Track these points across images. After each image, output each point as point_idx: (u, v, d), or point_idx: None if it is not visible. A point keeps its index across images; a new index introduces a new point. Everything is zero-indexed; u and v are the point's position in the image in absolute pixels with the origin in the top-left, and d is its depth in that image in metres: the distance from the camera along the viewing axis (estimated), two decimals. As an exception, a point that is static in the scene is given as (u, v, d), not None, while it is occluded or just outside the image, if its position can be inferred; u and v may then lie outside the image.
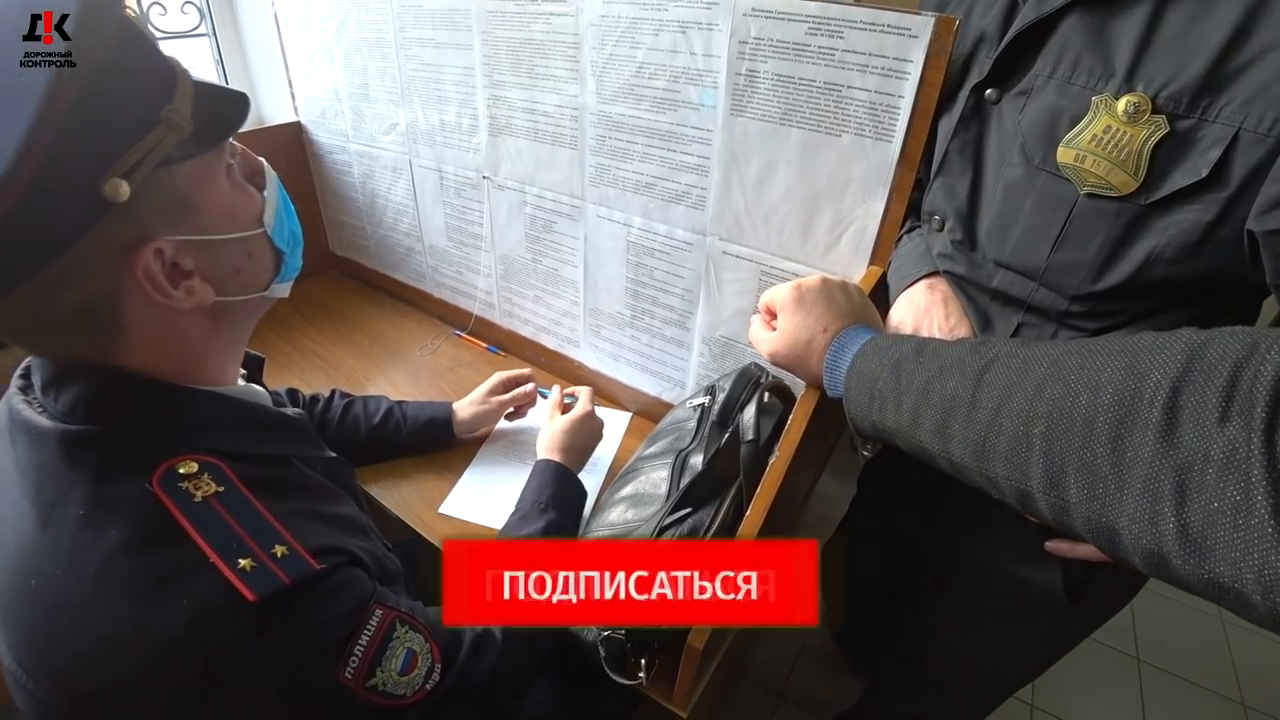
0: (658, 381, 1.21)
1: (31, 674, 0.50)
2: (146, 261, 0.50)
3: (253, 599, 0.48)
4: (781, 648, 1.72)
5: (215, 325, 0.60)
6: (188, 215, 0.54)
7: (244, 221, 0.59)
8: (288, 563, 0.51)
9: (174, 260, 0.53)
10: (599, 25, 0.95)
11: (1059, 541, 0.72)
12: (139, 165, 0.47)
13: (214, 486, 0.53)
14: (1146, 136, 0.58)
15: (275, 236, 0.63)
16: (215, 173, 0.56)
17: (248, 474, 0.56)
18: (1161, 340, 0.40)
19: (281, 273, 0.65)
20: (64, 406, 0.53)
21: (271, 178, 0.65)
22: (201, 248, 0.55)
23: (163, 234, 0.51)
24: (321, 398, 1.07)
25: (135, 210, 0.49)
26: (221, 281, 0.58)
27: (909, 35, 0.72)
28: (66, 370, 0.54)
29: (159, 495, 0.50)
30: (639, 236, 1.08)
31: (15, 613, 0.51)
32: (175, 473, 0.52)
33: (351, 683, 0.53)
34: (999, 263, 0.73)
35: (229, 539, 0.50)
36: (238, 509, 0.53)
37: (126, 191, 0.46)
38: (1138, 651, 1.76)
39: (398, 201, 1.47)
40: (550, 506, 0.87)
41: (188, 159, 0.52)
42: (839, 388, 0.63)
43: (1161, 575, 0.38)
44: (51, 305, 0.49)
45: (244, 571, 0.49)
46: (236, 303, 0.61)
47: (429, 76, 1.22)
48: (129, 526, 0.49)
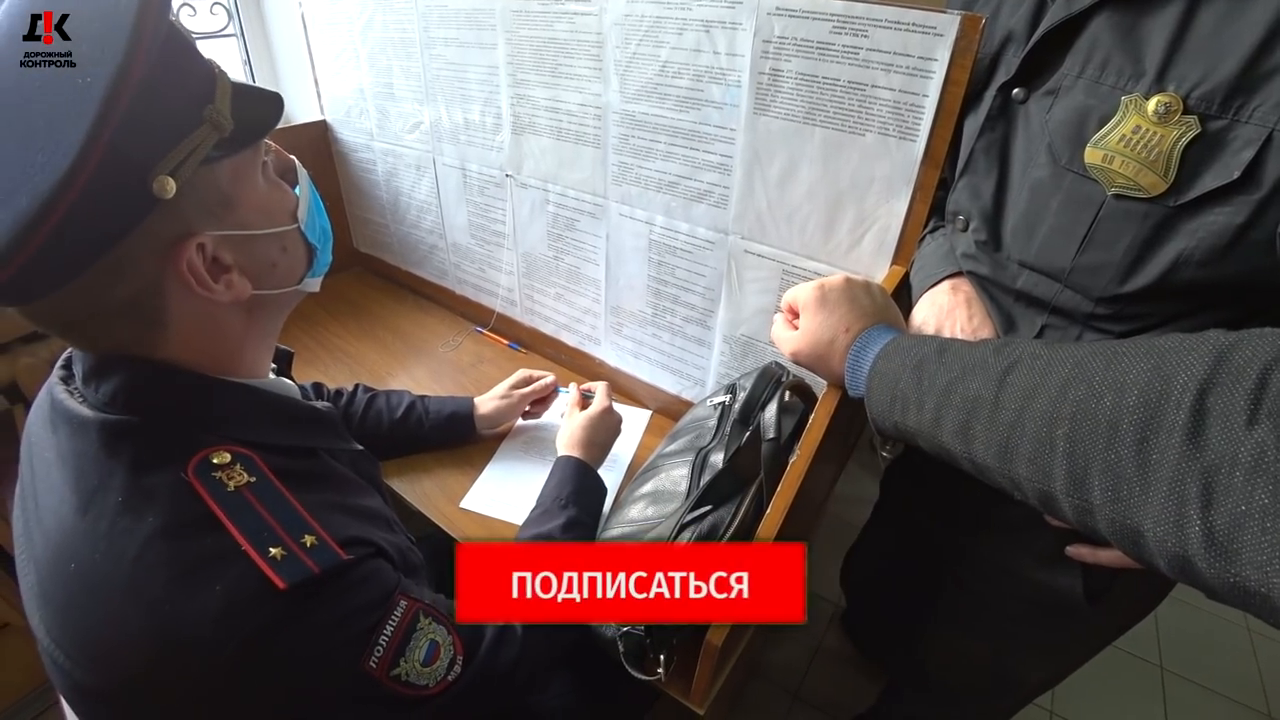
0: (678, 379, 1.21)
1: (69, 654, 0.52)
2: (190, 255, 0.52)
3: (283, 587, 0.49)
4: (798, 649, 1.71)
5: (250, 319, 0.62)
6: (228, 211, 0.56)
7: (279, 217, 0.61)
8: (317, 552, 0.53)
9: (214, 255, 0.55)
10: (622, 24, 0.95)
11: (1080, 546, 0.72)
12: (184, 163, 0.49)
13: (246, 477, 0.54)
14: (1177, 137, 0.58)
15: (308, 232, 0.65)
16: (253, 170, 0.58)
17: (278, 465, 0.58)
18: (1188, 342, 0.39)
19: (313, 267, 0.67)
20: (104, 396, 0.55)
21: (303, 175, 0.67)
22: (240, 243, 0.57)
23: (204, 229, 0.53)
24: (345, 392, 1.09)
25: (180, 206, 0.51)
26: (258, 275, 0.60)
27: (934, 34, 0.72)
28: (107, 362, 0.55)
29: (193, 484, 0.52)
30: (661, 235, 1.08)
31: (55, 594, 0.52)
32: (209, 463, 0.54)
33: (375, 672, 0.54)
34: (1024, 264, 0.72)
35: (260, 528, 0.52)
36: (269, 499, 0.54)
37: (173, 188, 0.48)
38: (1161, 660, 1.73)
39: (421, 199, 1.48)
40: (570, 503, 0.88)
41: (227, 157, 0.54)
42: (861, 388, 0.63)
43: (1186, 579, 0.38)
44: (101, 298, 0.51)
45: (274, 560, 0.50)
46: (272, 296, 0.63)
47: (453, 75, 1.23)
48: (165, 514, 0.50)
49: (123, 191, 0.47)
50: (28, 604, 0.57)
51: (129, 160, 0.47)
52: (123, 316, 0.53)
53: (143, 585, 0.49)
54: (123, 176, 0.46)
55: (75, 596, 0.51)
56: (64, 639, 0.52)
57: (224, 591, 0.49)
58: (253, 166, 0.58)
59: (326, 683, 0.53)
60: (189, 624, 0.48)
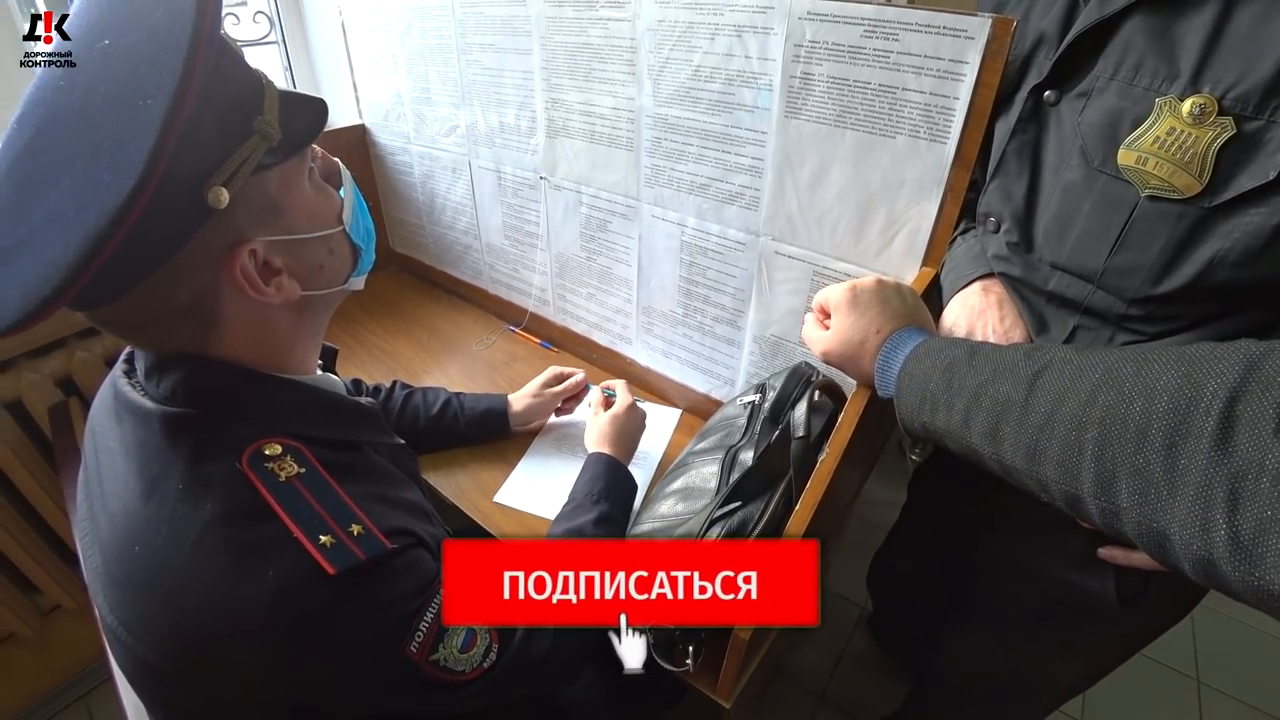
0: (708, 379, 1.23)
1: (131, 631, 0.55)
2: (243, 261, 0.55)
3: (333, 573, 0.52)
4: (824, 651, 1.71)
5: (299, 318, 0.65)
6: (277, 217, 0.58)
7: (325, 220, 0.64)
8: (363, 541, 0.55)
9: (266, 259, 0.58)
10: (655, 30, 0.96)
11: (1112, 549, 0.71)
12: (236, 173, 0.52)
13: (296, 468, 0.57)
14: (1212, 138, 0.57)
15: (353, 233, 0.67)
16: (300, 176, 0.61)
17: (325, 457, 0.61)
18: (1219, 350, 0.40)
19: (358, 266, 0.69)
20: (165, 391, 0.58)
21: (347, 178, 0.69)
22: (289, 246, 0.60)
23: (256, 235, 0.56)
24: (384, 388, 1.12)
25: (233, 215, 0.54)
26: (307, 277, 0.62)
27: (965, 37, 0.72)
28: (167, 359, 0.59)
29: (248, 474, 0.55)
30: (693, 236, 1.10)
31: (119, 575, 0.56)
32: (261, 454, 0.57)
33: (416, 656, 0.57)
34: (1056, 265, 0.72)
35: (311, 517, 0.54)
36: (318, 489, 0.57)
37: (227, 198, 0.51)
38: (1198, 673, 1.69)
39: (457, 201, 1.51)
40: (602, 498, 0.90)
41: (276, 165, 0.57)
42: (890, 388, 0.64)
43: (1210, 582, 0.39)
44: (160, 302, 0.54)
45: (324, 547, 0.53)
46: (319, 296, 0.65)
47: (489, 80, 1.26)
48: (222, 502, 0.53)
49: (181, 204, 0.50)
50: (91, 584, 0.60)
51: (186, 175, 0.49)
52: (180, 319, 0.56)
53: (201, 569, 0.52)
54: (181, 190, 0.49)
55: (138, 577, 0.54)
56: (127, 617, 0.55)
57: (277, 576, 0.51)
58: (300, 173, 0.61)
59: (370, 665, 0.55)
60: (243, 606, 0.51)
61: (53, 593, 1.41)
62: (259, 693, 0.54)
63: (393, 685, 0.57)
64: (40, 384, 1.24)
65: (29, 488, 1.29)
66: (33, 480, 1.28)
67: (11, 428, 1.24)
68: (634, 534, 0.86)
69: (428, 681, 0.58)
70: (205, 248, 0.53)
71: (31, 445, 1.28)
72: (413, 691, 0.59)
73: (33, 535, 1.34)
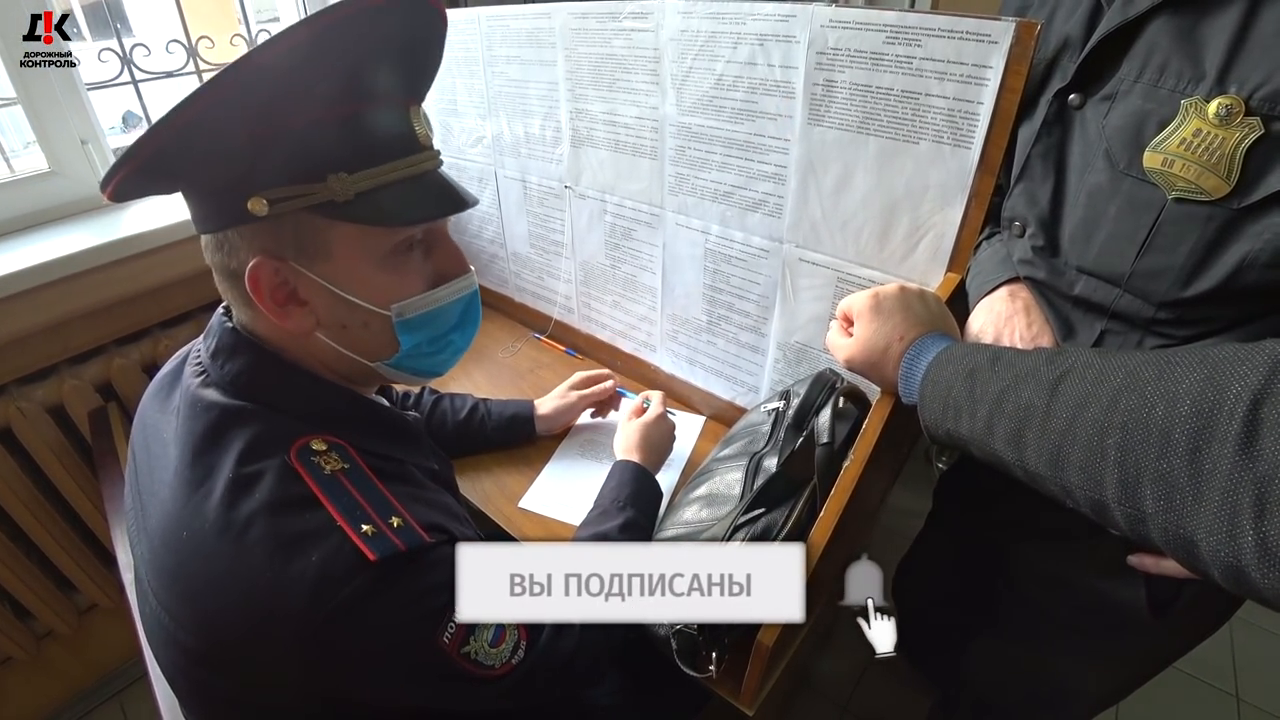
0: (732, 386, 1.23)
1: (175, 616, 0.57)
2: (263, 270, 0.59)
3: (374, 559, 0.53)
4: (848, 660, 1.69)
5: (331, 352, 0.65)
6: (322, 261, 0.60)
7: (375, 297, 0.63)
8: (403, 532, 0.57)
9: (293, 285, 0.61)
10: (679, 40, 0.97)
11: (1143, 556, 0.70)
12: (286, 200, 0.56)
13: (340, 463, 0.60)
14: (1239, 139, 0.57)
15: (400, 326, 0.65)
16: (373, 245, 0.61)
17: (368, 460, 0.63)
18: (1243, 352, 0.39)
19: (394, 359, 0.67)
20: (228, 375, 0.62)
21: (456, 289, 0.69)
22: (322, 290, 0.61)
23: (292, 259, 0.59)
24: (413, 394, 1.14)
25: (278, 231, 0.58)
26: (327, 326, 0.63)
27: (989, 41, 0.72)
28: (235, 344, 0.63)
29: (296, 466, 0.57)
30: (716, 244, 1.10)
31: (167, 561, 0.58)
32: (309, 448, 0.60)
33: (449, 647, 0.58)
34: (1082, 269, 0.72)
35: (354, 507, 0.57)
36: (360, 484, 0.59)
37: (263, 211, 0.56)
38: (1237, 690, 1.64)
39: (483, 210, 1.53)
40: (629, 504, 0.91)
41: (345, 221, 0.59)
42: (914, 395, 0.64)
43: (1240, 589, 0.38)
44: (215, 255, 0.61)
45: (366, 535, 0.55)
46: (337, 351, 0.65)
47: (515, 91, 1.28)
48: (270, 492, 0.56)
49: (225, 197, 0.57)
50: (138, 570, 0.63)
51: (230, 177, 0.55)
52: (228, 279, 0.62)
53: (247, 555, 0.53)
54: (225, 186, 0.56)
55: (186, 564, 0.56)
56: (172, 603, 0.57)
57: (320, 561, 0.53)
58: (379, 242, 0.61)
59: (404, 653, 0.57)
60: (286, 590, 0.52)
61: (90, 592, 1.45)
62: (295, 679, 0.55)
63: (424, 676, 0.59)
64: (81, 389, 1.28)
65: (69, 489, 1.33)
66: (72, 482, 1.32)
67: (53, 431, 1.28)
68: (659, 539, 0.86)
69: (459, 674, 0.59)
70: (248, 240, 0.58)
71: (72, 449, 1.32)
72: (444, 683, 0.60)
73: (72, 535, 1.39)
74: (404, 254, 0.64)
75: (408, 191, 0.61)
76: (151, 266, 1.30)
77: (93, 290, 1.24)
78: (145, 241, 1.28)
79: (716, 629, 0.75)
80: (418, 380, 0.72)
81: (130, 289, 1.29)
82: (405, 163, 0.61)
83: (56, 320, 1.22)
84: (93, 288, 1.24)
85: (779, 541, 0.75)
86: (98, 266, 1.23)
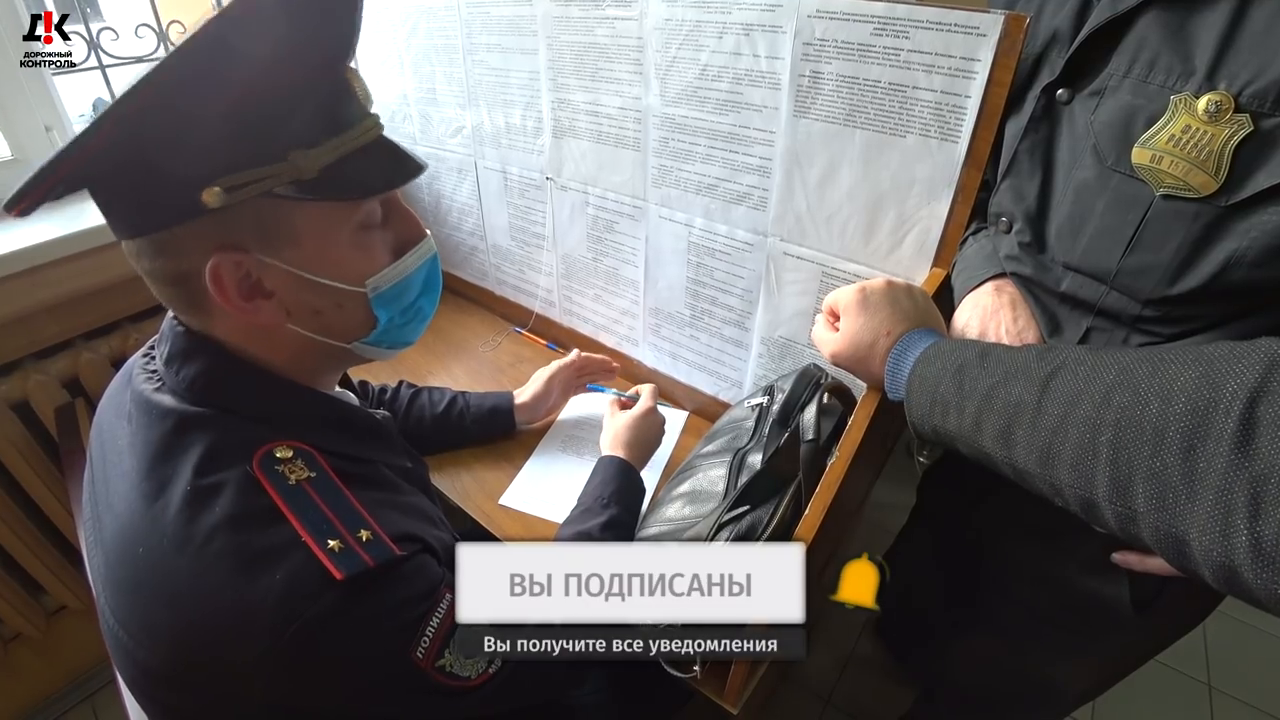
0: (715, 381, 1.22)
1: (132, 634, 0.55)
2: (222, 267, 0.54)
3: (340, 577, 0.51)
4: (831, 655, 1.70)
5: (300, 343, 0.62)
6: (289, 247, 0.56)
7: (348, 275, 0.60)
8: (371, 547, 0.55)
9: (257, 277, 0.56)
10: (663, 29, 0.96)
11: (1127, 554, 0.70)
12: (244, 187, 0.51)
13: (306, 471, 0.57)
14: (1228, 136, 0.57)
15: (376, 302, 0.63)
16: (340, 222, 0.58)
17: (336, 463, 0.60)
18: (1239, 350, 0.39)
19: (371, 335, 0.65)
20: (184, 381, 0.58)
21: (420, 254, 0.66)
22: (291, 278, 0.57)
23: (255, 251, 0.55)
24: (389, 388, 1.12)
25: (234, 222, 0.53)
26: (298, 314, 0.60)
27: (977, 34, 0.71)
28: (192, 349, 0.59)
29: (258, 477, 0.55)
30: (700, 237, 1.09)
31: (122, 577, 0.55)
32: (273, 455, 0.56)
33: (422, 662, 0.56)
34: (1069, 265, 0.71)
35: (320, 521, 0.54)
36: (327, 494, 0.57)
37: (220, 201, 0.50)
38: (1209, 678, 1.67)
39: (463, 202, 1.51)
40: (612, 502, 0.89)
41: (310, 200, 0.55)
42: (900, 391, 0.63)
43: (1231, 589, 0.38)
44: (154, 261, 0.56)
45: (333, 552, 0.52)
46: (310, 339, 0.62)
47: (495, 81, 1.26)
48: (231, 505, 0.53)
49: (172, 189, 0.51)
50: (95, 586, 0.60)
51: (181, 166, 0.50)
52: (171, 286, 0.57)
53: (208, 572, 0.51)
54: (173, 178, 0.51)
55: (143, 581, 0.54)
56: (129, 621, 0.55)
57: (284, 579, 0.51)
58: (342, 218, 0.58)
59: (375, 671, 0.55)
60: (249, 609, 0.50)
61: (58, 593, 1.42)
62: (261, 699, 0.53)
63: (398, 692, 0.57)
64: (47, 385, 1.24)
65: (35, 489, 1.29)
66: (39, 481, 1.29)
67: (18, 429, 1.24)
68: (641, 537, 0.85)
69: (434, 688, 0.58)
70: (198, 237, 0.53)
71: (38, 446, 1.28)
72: (419, 698, 0.58)
73: (38, 536, 1.35)
74: (369, 227, 0.61)
75: (365, 160, 0.57)
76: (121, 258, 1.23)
77: (59, 282, 1.20)
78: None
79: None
80: (391, 354, 0.69)
81: (98, 281, 1.25)
82: (359, 129, 0.56)
83: (21, 313, 1.18)
84: (59, 280, 1.20)
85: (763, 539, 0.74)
86: (64, 258, 1.19)
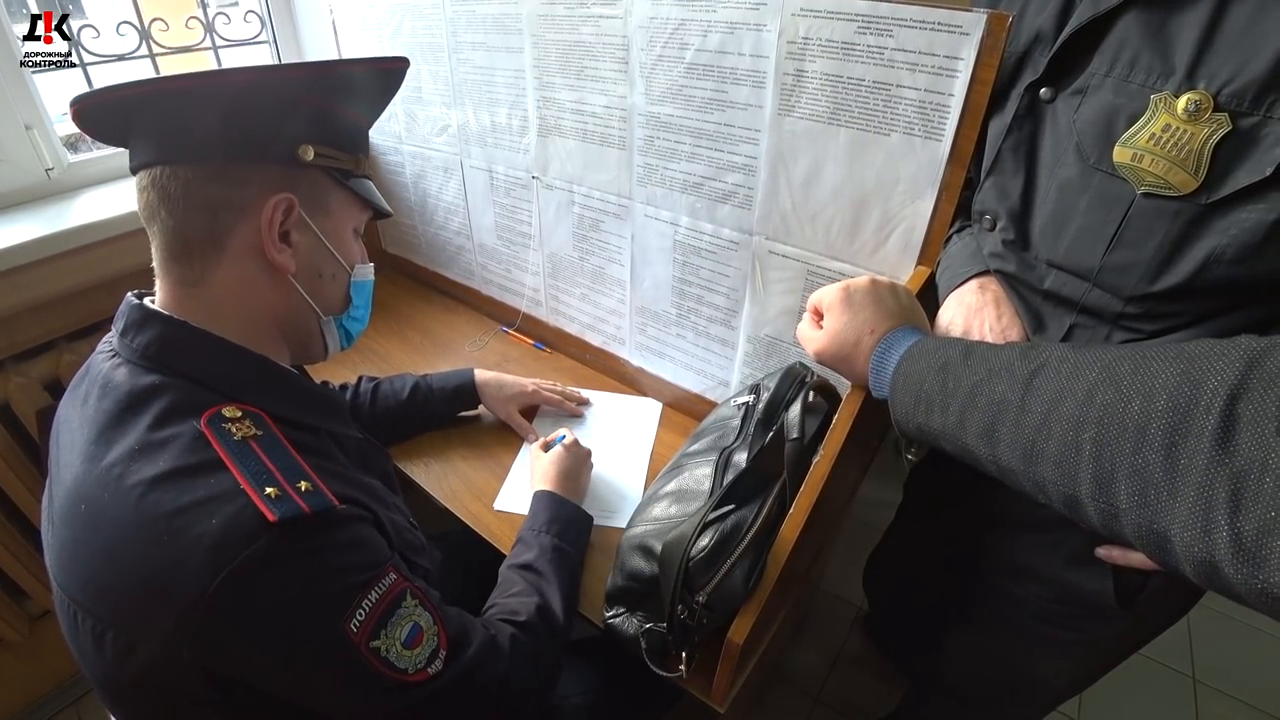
0: (701, 379, 1.22)
1: (72, 595, 0.55)
2: (282, 204, 0.64)
3: (273, 519, 0.51)
4: (820, 652, 1.70)
5: (285, 302, 0.69)
6: (322, 214, 0.70)
7: (346, 256, 0.74)
8: (310, 496, 0.55)
9: (292, 225, 0.66)
10: (647, 27, 0.96)
11: (1110, 548, 0.71)
12: (327, 157, 0.67)
13: (253, 430, 0.59)
14: (1208, 135, 0.57)
15: (354, 288, 0.76)
16: (352, 217, 0.74)
17: (285, 430, 0.62)
18: (1219, 347, 0.39)
19: (340, 317, 0.76)
20: (138, 348, 0.60)
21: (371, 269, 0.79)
22: (312, 237, 0.69)
23: (301, 205, 0.66)
24: (350, 385, 1.13)
25: (299, 176, 0.66)
26: (304, 268, 0.69)
27: (960, 33, 0.72)
28: (145, 317, 0.62)
29: (205, 432, 0.56)
30: (686, 235, 1.09)
31: (66, 537, 0.56)
32: (221, 414, 0.58)
33: (355, 638, 0.55)
34: (1052, 263, 0.72)
35: (260, 470, 0.55)
36: (272, 450, 0.58)
37: (309, 157, 0.65)
38: (1194, 671, 1.69)
39: (449, 201, 1.50)
40: (545, 531, 0.90)
41: (346, 191, 0.71)
42: (885, 389, 0.63)
43: (1213, 585, 0.38)
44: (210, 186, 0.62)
45: (269, 497, 0.53)
46: (299, 298, 0.70)
47: (480, 79, 1.25)
48: (175, 459, 0.54)
49: (281, 141, 0.64)
50: (49, 564, 0.60)
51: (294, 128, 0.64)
52: (210, 211, 0.62)
53: (146, 520, 0.51)
54: (285, 135, 0.64)
55: (82, 534, 0.54)
56: (70, 580, 0.56)
57: (219, 524, 0.51)
58: (354, 214, 0.74)
59: (305, 635, 0.54)
60: (184, 556, 0.50)
61: (42, 598, 1.40)
62: (190, 654, 0.51)
63: (326, 666, 0.55)
64: (28, 387, 1.22)
65: (17, 492, 1.27)
66: (20, 484, 1.27)
67: (-2, 432, 1.22)
68: (629, 536, 0.85)
69: (366, 671, 0.56)
70: (268, 177, 0.64)
71: (19, 449, 1.26)
72: (350, 679, 0.56)
73: (20, 540, 1.33)
74: (357, 232, 0.76)
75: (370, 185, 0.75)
76: (103, 258, 1.25)
77: (40, 282, 1.19)
78: (97, 231, 1.22)
79: (686, 627, 0.74)
80: (344, 343, 0.78)
81: (81, 281, 1.23)
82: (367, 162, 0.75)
83: (1, 314, 1.16)
84: (40, 280, 1.18)
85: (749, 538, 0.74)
86: (46, 258, 1.17)
